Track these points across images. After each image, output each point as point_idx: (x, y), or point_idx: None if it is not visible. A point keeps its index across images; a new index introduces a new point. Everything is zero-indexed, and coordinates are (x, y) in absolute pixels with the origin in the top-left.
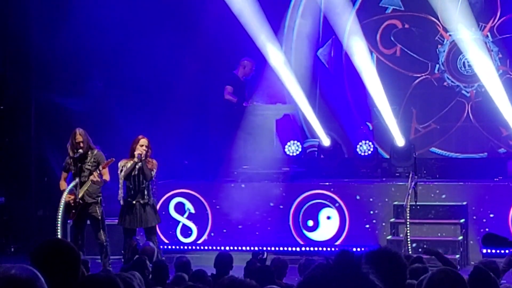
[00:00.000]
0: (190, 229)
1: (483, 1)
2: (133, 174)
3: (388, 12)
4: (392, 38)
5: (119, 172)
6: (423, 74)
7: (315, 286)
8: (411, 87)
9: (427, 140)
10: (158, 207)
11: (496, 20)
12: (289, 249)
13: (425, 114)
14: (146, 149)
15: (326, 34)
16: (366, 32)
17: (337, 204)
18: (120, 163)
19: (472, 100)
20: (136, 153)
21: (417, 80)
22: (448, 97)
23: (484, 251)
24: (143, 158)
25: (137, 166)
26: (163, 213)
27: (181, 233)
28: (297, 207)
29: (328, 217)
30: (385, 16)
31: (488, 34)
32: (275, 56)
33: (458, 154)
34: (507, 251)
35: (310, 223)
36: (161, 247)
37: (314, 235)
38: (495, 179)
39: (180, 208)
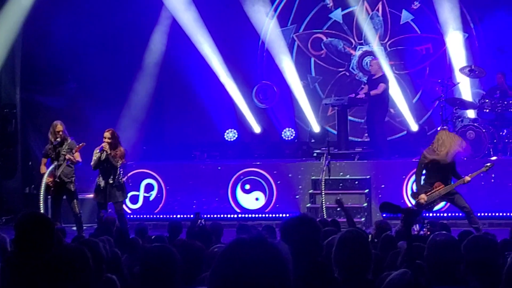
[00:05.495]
0: (138, 199)
1: (382, 26)
2: (102, 160)
3: (328, 24)
4: (322, 46)
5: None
6: (341, 70)
7: (231, 255)
8: (334, 78)
9: None
10: (126, 178)
11: (387, 39)
12: (228, 216)
13: (342, 95)
14: (109, 140)
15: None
16: (301, 40)
17: (267, 179)
18: (94, 151)
19: None
20: (98, 148)
21: (339, 74)
22: (357, 84)
23: (384, 215)
24: (106, 149)
25: (101, 157)
26: (130, 184)
27: (130, 200)
28: (234, 182)
29: (257, 198)
30: (312, 32)
31: (382, 47)
32: (213, 56)
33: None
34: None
35: (247, 186)
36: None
37: (248, 205)
38: (391, 158)
39: (148, 188)
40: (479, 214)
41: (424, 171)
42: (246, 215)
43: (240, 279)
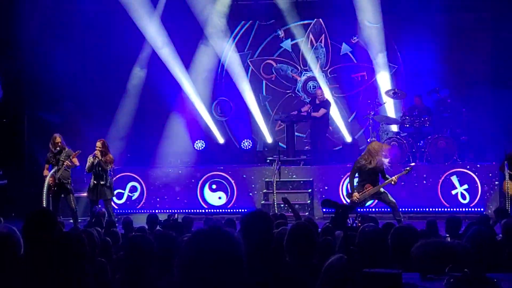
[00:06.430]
0: (122, 195)
1: (324, 56)
2: (94, 165)
3: (279, 51)
4: (273, 70)
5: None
6: (289, 91)
7: (196, 242)
8: (282, 99)
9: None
10: (114, 179)
11: (328, 67)
12: (197, 211)
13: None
14: (100, 148)
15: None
16: (254, 65)
17: (229, 181)
18: (88, 158)
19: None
20: (91, 155)
21: (286, 95)
22: (301, 104)
23: (324, 210)
24: (98, 156)
25: (94, 162)
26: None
27: (116, 196)
28: (202, 183)
29: (219, 197)
30: (264, 58)
31: (323, 74)
32: (184, 80)
33: (304, 134)
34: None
35: (214, 186)
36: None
37: (213, 202)
38: (330, 163)
39: (132, 189)
40: (401, 209)
41: (357, 175)
42: (212, 210)
43: (201, 261)
